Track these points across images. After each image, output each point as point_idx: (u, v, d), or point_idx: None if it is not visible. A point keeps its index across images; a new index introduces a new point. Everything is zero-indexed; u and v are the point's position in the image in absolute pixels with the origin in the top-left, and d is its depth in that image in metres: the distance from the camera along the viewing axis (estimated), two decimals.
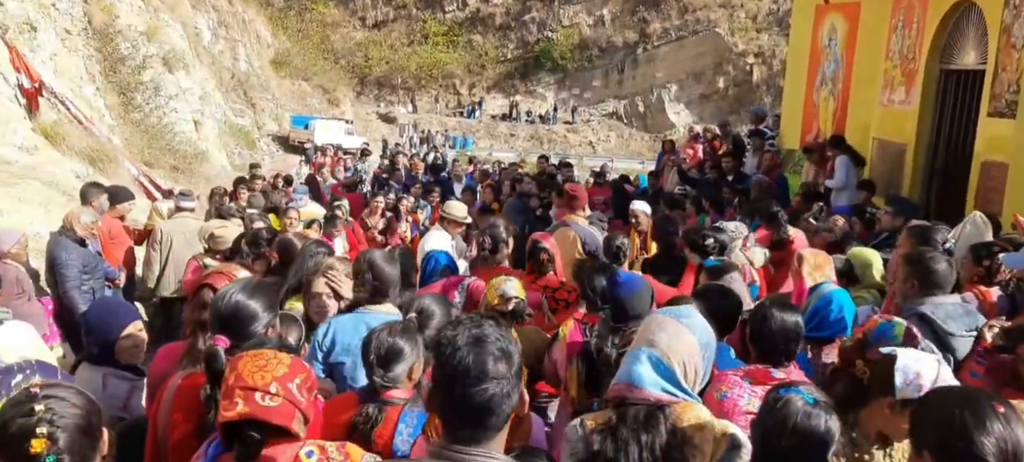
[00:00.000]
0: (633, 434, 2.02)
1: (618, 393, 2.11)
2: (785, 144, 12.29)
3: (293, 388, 1.97)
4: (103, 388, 3.00)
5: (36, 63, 11.47)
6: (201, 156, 19.35)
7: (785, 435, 1.97)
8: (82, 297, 6.08)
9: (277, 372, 1.97)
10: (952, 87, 8.72)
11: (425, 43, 45.38)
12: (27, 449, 1.67)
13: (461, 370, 1.62)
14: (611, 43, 44.37)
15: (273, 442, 1.96)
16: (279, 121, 35.36)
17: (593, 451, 2.07)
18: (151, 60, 18.70)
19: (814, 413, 1.99)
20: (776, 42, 39.80)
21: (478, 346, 1.64)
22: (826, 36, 11.65)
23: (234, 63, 32.53)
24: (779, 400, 2.04)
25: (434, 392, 1.70)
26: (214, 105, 25.31)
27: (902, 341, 2.92)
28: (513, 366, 1.67)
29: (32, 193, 8.36)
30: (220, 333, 2.33)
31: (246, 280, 2.58)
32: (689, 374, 2.10)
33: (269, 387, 1.93)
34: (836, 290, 3.68)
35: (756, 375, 2.83)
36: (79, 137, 11.60)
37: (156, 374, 2.88)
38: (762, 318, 2.91)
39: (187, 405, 2.35)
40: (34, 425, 1.68)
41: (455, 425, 1.66)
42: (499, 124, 43.99)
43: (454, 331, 1.67)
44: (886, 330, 2.96)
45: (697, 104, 43.07)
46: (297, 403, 1.96)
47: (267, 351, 2.05)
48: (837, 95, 11.21)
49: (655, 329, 2.16)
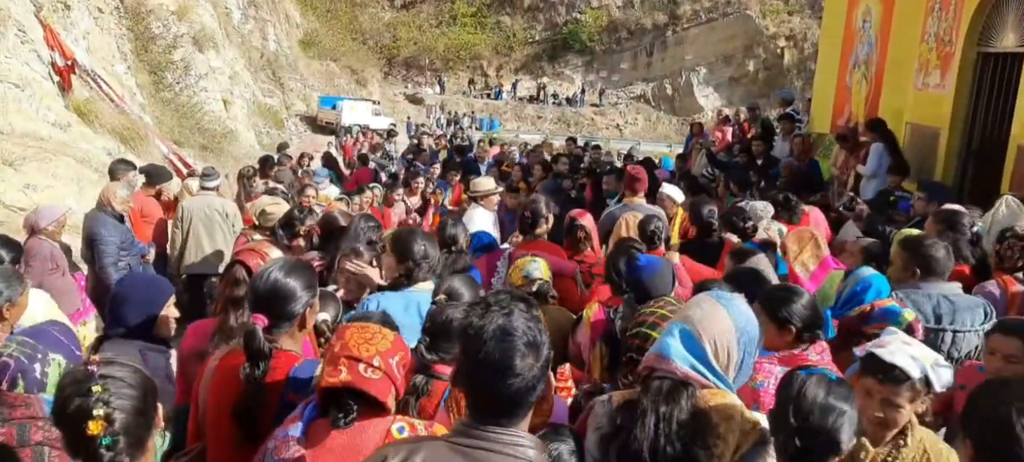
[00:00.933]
0: (653, 404, 1.95)
1: (648, 364, 2.07)
2: (816, 128, 12.09)
3: (393, 364, 2.03)
4: (144, 362, 3.00)
5: (69, 41, 11.64)
6: (230, 135, 19.56)
7: (800, 410, 1.94)
8: (118, 273, 6.19)
9: (381, 346, 2.03)
10: (989, 70, 8.50)
11: (453, 24, 45.29)
12: (84, 429, 1.69)
13: (487, 363, 1.61)
14: (640, 25, 43.93)
15: (367, 413, 2.01)
16: (307, 101, 35.61)
17: (617, 425, 2.04)
18: (182, 39, 18.90)
19: (834, 390, 1.97)
20: (808, 25, 39.15)
21: (505, 339, 1.62)
22: (860, 18, 11.41)
23: (263, 43, 32.75)
24: (798, 376, 2.02)
25: (459, 375, 1.70)
26: (243, 85, 25.54)
27: (904, 330, 2.89)
28: (541, 358, 1.65)
29: (65, 169, 8.51)
30: (257, 312, 2.35)
31: (284, 259, 2.58)
32: (720, 354, 2.01)
33: (372, 360, 1.99)
34: (874, 275, 3.60)
35: (790, 360, 2.78)
36: (111, 115, 11.78)
37: (187, 350, 2.91)
38: (778, 301, 2.89)
39: (225, 384, 2.37)
40: (91, 406, 1.70)
41: (480, 409, 1.67)
42: (526, 106, 43.85)
43: (482, 319, 1.65)
44: (892, 313, 3.02)
45: (726, 87, 42.54)
46: (394, 379, 2.03)
47: (373, 325, 2.12)
48: (870, 78, 10.99)
49: (692, 306, 2.12)
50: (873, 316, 3.07)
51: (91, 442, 1.70)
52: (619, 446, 1.99)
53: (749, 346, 2.07)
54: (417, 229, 4.06)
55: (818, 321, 2.84)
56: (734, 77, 42.53)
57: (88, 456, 1.72)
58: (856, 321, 3.08)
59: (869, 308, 3.09)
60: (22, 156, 8.34)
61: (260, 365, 2.29)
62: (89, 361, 1.81)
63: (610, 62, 44.88)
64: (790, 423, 1.95)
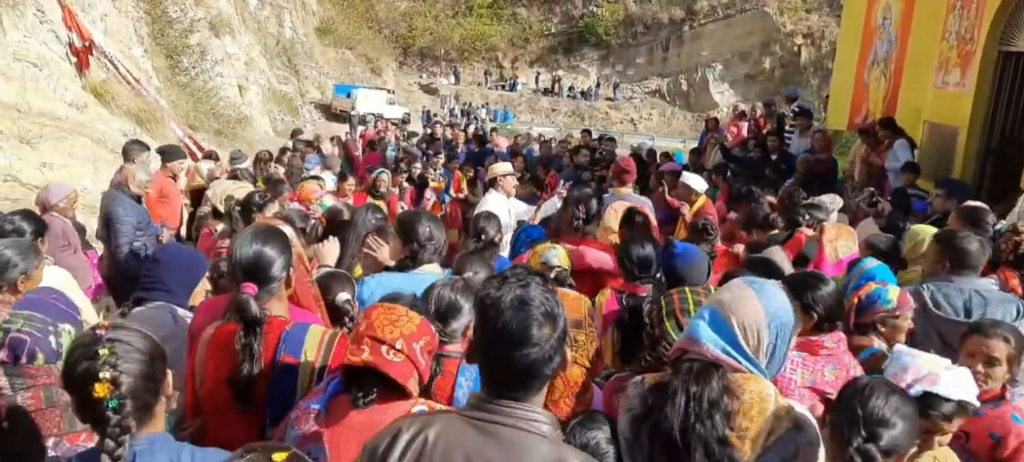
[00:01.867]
0: (683, 385, 1.96)
1: (680, 346, 2.08)
2: (832, 124, 12.01)
3: (417, 348, 2.03)
4: (174, 321, 3.08)
5: (87, 22, 11.71)
6: (244, 121, 19.66)
7: (864, 413, 2.00)
8: (133, 254, 6.23)
9: (406, 329, 2.03)
10: (1010, 69, 8.40)
11: (469, 15, 45.22)
12: (90, 392, 1.70)
13: (504, 333, 1.60)
14: (657, 20, 43.68)
15: (388, 395, 2.01)
16: (322, 89, 35.70)
17: (648, 406, 2.03)
18: (198, 24, 18.99)
19: (893, 399, 2.03)
20: (826, 23, 38.80)
21: (522, 309, 1.61)
22: (880, 15, 11.30)
23: (279, 30, 32.85)
24: (861, 381, 2.10)
25: (475, 348, 1.69)
26: (258, 71, 25.64)
27: (895, 306, 3.04)
28: (557, 329, 1.64)
29: (81, 149, 8.57)
30: (246, 281, 2.36)
31: (256, 227, 2.61)
32: (750, 338, 2.00)
33: (396, 342, 1.99)
34: (878, 266, 3.58)
35: (809, 346, 2.81)
36: (127, 97, 11.85)
37: (197, 326, 2.89)
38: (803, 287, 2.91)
39: (220, 353, 2.38)
40: (98, 369, 1.71)
41: (496, 382, 1.65)
42: (541, 98, 43.74)
43: (499, 291, 1.64)
44: (879, 294, 3.05)
45: (742, 84, 42.25)
46: (417, 363, 2.02)
47: (400, 307, 2.11)
48: (889, 76, 10.89)
49: (723, 290, 2.12)
50: (860, 308, 3.07)
51: (98, 405, 1.70)
52: (651, 426, 2.00)
53: (782, 332, 2.03)
54: (423, 211, 4.06)
55: (840, 311, 2.89)
56: (750, 74, 42.21)
57: (95, 419, 1.73)
58: (850, 313, 3.09)
59: (855, 299, 3.08)
60: (39, 135, 8.41)
61: (256, 332, 2.30)
62: (97, 326, 1.82)
63: (626, 56, 44.66)
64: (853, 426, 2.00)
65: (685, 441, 1.91)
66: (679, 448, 1.92)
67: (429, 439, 1.63)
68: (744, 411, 1.93)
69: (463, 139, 14.24)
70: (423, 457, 1.61)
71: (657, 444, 1.98)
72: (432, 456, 1.61)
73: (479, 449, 1.59)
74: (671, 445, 1.94)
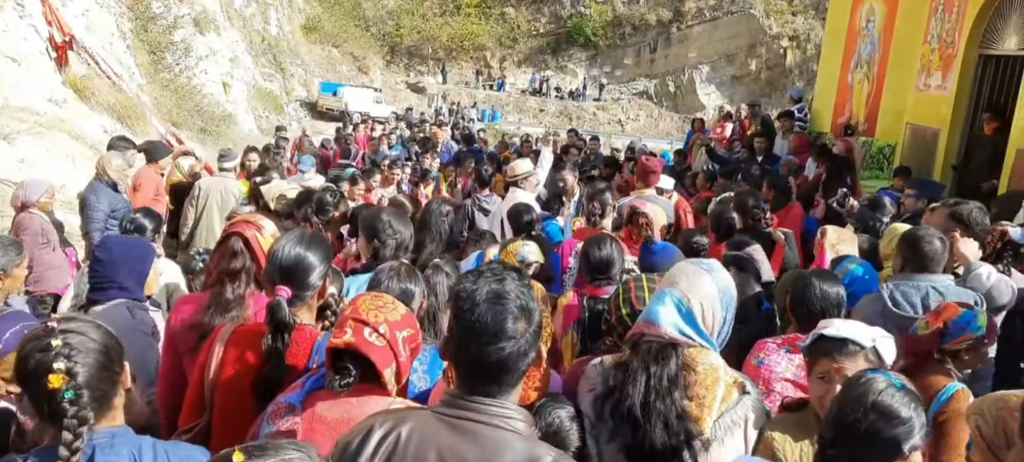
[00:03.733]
0: (643, 365, 2.09)
1: (638, 329, 2.19)
2: (817, 126, 12.07)
3: (399, 337, 2.01)
4: (132, 316, 3.04)
5: (68, 17, 11.59)
6: (229, 119, 19.51)
7: (861, 410, 1.90)
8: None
9: (390, 316, 2.02)
10: (990, 73, 8.48)
11: (457, 14, 45.11)
12: (45, 384, 1.66)
13: (479, 327, 1.59)
14: (644, 21, 43.77)
15: (368, 388, 1.98)
16: (308, 87, 35.50)
17: (610, 385, 2.15)
18: (182, 20, 18.83)
19: (897, 396, 1.90)
20: (811, 26, 39.00)
21: (497, 303, 1.60)
22: (864, 18, 11.38)
23: (264, 27, 32.64)
24: (863, 377, 2.00)
25: (450, 343, 1.68)
26: (244, 68, 25.45)
27: (985, 332, 2.82)
28: (532, 324, 1.64)
29: (60, 145, 8.47)
30: (282, 284, 2.32)
31: (301, 232, 2.56)
32: (707, 317, 2.16)
33: (379, 326, 1.98)
34: (861, 266, 3.60)
35: (794, 343, 2.84)
36: (108, 92, 11.73)
37: (178, 324, 2.83)
38: (804, 288, 2.97)
39: (242, 353, 2.34)
40: (51, 360, 1.67)
41: (470, 378, 1.64)
42: (528, 98, 43.72)
43: (474, 284, 1.64)
44: (970, 320, 2.83)
45: (728, 86, 42.43)
46: (397, 352, 2.00)
47: (387, 296, 2.11)
48: (872, 78, 10.96)
49: (677, 274, 2.24)
50: (949, 332, 2.83)
51: (53, 397, 1.66)
52: (613, 404, 2.13)
53: (730, 306, 2.22)
54: (384, 207, 4.06)
55: (835, 314, 2.88)
56: (736, 76, 42.39)
57: (52, 412, 1.69)
58: (931, 342, 2.85)
59: (941, 324, 2.84)
60: (17, 130, 8.31)
61: (284, 337, 2.27)
62: (49, 319, 1.78)
63: (613, 57, 44.72)
64: (854, 423, 1.92)
65: (645, 415, 2.06)
66: (640, 423, 2.06)
67: (402, 436, 1.61)
68: (700, 381, 2.09)
69: (445, 138, 14.18)
70: (396, 454, 1.59)
71: (620, 420, 2.11)
72: (405, 453, 1.59)
73: (452, 446, 1.57)
74: (633, 421, 2.08)
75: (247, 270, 2.79)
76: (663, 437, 2.04)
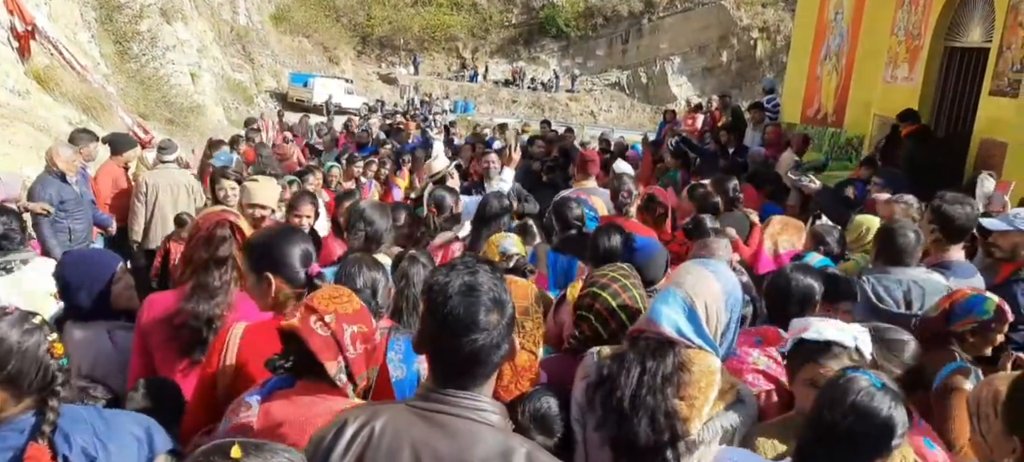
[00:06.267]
0: (639, 358, 2.11)
1: (639, 327, 2.20)
2: (786, 117, 12.20)
3: (346, 330, 1.94)
4: (113, 346, 2.89)
5: (29, 6, 11.30)
6: (197, 110, 19.22)
7: (841, 411, 1.86)
8: (55, 233, 5.99)
9: (342, 309, 1.96)
10: (955, 65, 8.62)
11: (429, 4, 44.85)
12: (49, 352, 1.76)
13: (451, 319, 1.58)
14: (616, 12, 43.91)
15: (319, 387, 1.92)
16: (278, 77, 35.11)
17: (603, 375, 2.15)
18: (149, 9, 18.50)
19: (878, 395, 1.86)
20: (781, 17, 39.40)
21: (470, 294, 1.60)
22: (833, 10, 11.52)
23: (233, 16, 32.20)
24: (843, 377, 1.96)
25: (423, 336, 1.67)
26: (212, 58, 25.10)
27: (992, 316, 2.84)
28: (505, 316, 1.63)
29: (23, 136, 8.28)
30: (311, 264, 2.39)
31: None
32: (711, 318, 2.16)
33: (325, 316, 1.93)
34: (821, 260, 3.64)
35: (768, 335, 2.85)
36: (72, 83, 11.48)
37: (148, 322, 2.75)
38: (777, 282, 2.99)
39: (265, 343, 2.23)
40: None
41: (443, 371, 1.64)
42: (501, 89, 43.66)
43: (447, 277, 1.63)
44: (976, 303, 2.84)
45: (700, 77, 42.75)
46: (343, 346, 1.93)
47: (346, 290, 2.08)
48: (840, 70, 11.11)
49: (682, 274, 2.25)
50: (956, 313, 2.87)
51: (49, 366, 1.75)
52: (604, 393, 2.13)
53: (735, 307, 2.22)
54: (364, 201, 4.05)
55: (810, 309, 2.91)
56: (708, 67, 42.72)
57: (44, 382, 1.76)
58: (939, 323, 2.89)
59: (947, 305, 2.88)
60: None
61: None
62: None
63: (586, 48, 44.83)
64: (834, 424, 1.88)
65: (633, 409, 2.06)
66: (627, 416, 2.06)
67: (375, 430, 1.60)
68: (694, 382, 2.08)
69: (414, 130, 14.11)
70: (369, 448, 1.59)
71: (608, 410, 2.11)
72: (378, 447, 1.58)
73: (426, 439, 1.57)
74: (620, 412, 2.08)
75: (234, 257, 2.75)
76: (648, 433, 2.04)
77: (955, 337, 2.87)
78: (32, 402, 1.73)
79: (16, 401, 1.71)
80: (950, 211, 3.72)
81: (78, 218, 6.24)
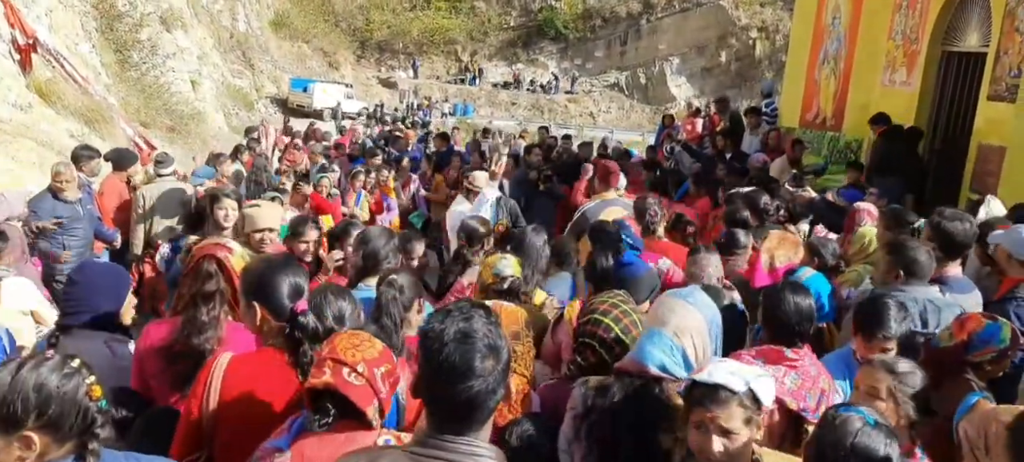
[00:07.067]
0: (622, 391, 2.17)
1: (625, 367, 2.23)
2: (784, 122, 12.22)
3: (377, 374, 2.01)
4: (112, 355, 2.96)
5: (30, 19, 11.34)
6: (198, 117, 19.27)
7: (842, 453, 1.92)
8: (51, 248, 6.11)
9: (367, 354, 2.02)
10: (953, 69, 8.64)
11: (427, 8, 44.92)
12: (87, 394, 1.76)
13: (446, 366, 1.61)
14: (614, 13, 43.97)
15: (350, 425, 1.99)
16: (278, 83, 35.15)
17: (589, 406, 2.21)
18: (149, 18, 18.54)
19: (874, 435, 1.93)
20: (780, 17, 39.46)
21: (465, 342, 1.63)
22: (830, 14, 11.53)
23: (233, 23, 32.24)
24: (837, 417, 2.00)
25: (419, 383, 1.70)
26: (212, 65, 25.15)
27: (1010, 343, 2.85)
28: (500, 362, 1.66)
29: (26, 152, 8.31)
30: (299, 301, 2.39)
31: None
32: (699, 351, 2.21)
33: (357, 366, 1.98)
34: (812, 276, 3.67)
35: (769, 355, 2.89)
36: (74, 95, 11.51)
37: (147, 348, 2.82)
38: (776, 300, 2.97)
39: (248, 376, 2.34)
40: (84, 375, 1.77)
41: (440, 417, 1.66)
42: (500, 92, 43.71)
43: (442, 324, 1.66)
44: (994, 333, 2.85)
45: (699, 77, 42.80)
46: (377, 390, 2.00)
47: (364, 333, 2.11)
48: (839, 74, 11.12)
49: (665, 312, 2.26)
50: (974, 344, 2.87)
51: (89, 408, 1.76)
52: (589, 425, 2.18)
53: (717, 332, 2.29)
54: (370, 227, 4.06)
55: (808, 327, 2.93)
56: (706, 67, 42.79)
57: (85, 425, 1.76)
58: (955, 353, 2.89)
59: (965, 336, 2.87)
60: None
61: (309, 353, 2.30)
62: None
63: (584, 50, 44.87)
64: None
65: (616, 442, 2.12)
66: (612, 449, 2.13)
67: None
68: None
69: (414, 139, 14.09)
70: None
71: (594, 443, 2.17)
72: None
73: None
74: (604, 446, 2.14)
75: (221, 292, 2.81)
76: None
77: (971, 366, 2.88)
78: (73, 446, 1.75)
79: (58, 445, 1.72)
80: (950, 227, 3.75)
81: (74, 234, 6.31)
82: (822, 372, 2.92)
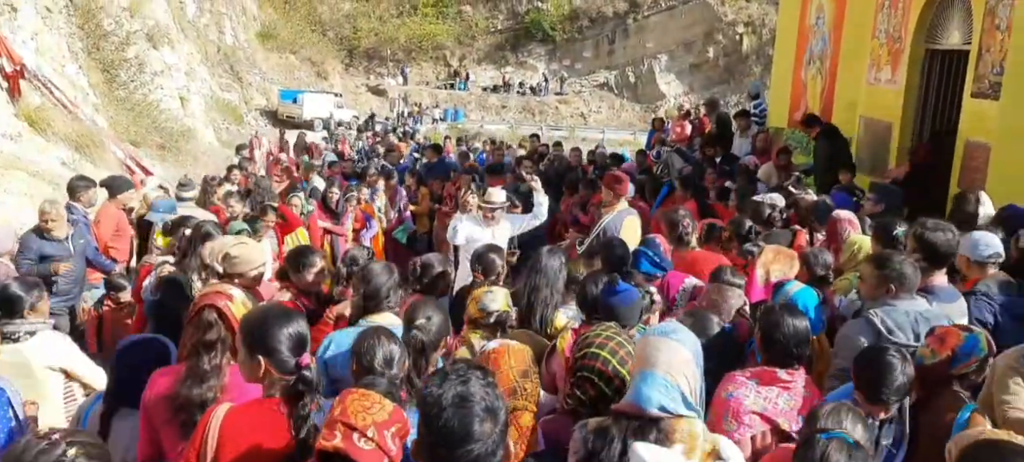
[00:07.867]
0: (620, 433, 2.16)
1: (621, 409, 2.25)
2: (773, 122, 12.29)
3: (387, 435, 2.02)
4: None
5: (16, 44, 11.29)
6: (188, 133, 19.22)
7: None
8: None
9: (378, 417, 2.02)
10: (937, 67, 8.73)
11: (414, 14, 44.87)
12: None
13: (446, 432, 1.67)
14: (601, 13, 44.00)
15: None
16: (267, 95, 35.09)
17: (589, 449, 2.21)
18: (135, 36, 18.47)
19: (856, 456, 2.02)
20: (765, 11, 39.55)
21: (463, 406, 1.67)
22: (814, 14, 11.61)
23: (219, 37, 32.16)
24: (817, 441, 2.08)
25: (420, 446, 1.76)
26: (200, 80, 25.08)
27: (988, 350, 2.96)
28: (498, 424, 1.71)
29: (17, 184, 8.29)
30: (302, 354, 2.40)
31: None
32: (692, 386, 2.23)
33: (367, 430, 1.99)
34: (801, 290, 3.71)
35: (763, 376, 2.96)
36: (64, 122, 11.47)
37: (152, 397, 2.82)
38: (773, 322, 3.02)
39: (246, 427, 2.35)
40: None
41: None
42: (490, 96, 43.71)
43: (440, 389, 1.71)
44: (973, 344, 2.95)
45: (688, 74, 42.88)
46: (387, 451, 2.01)
47: (374, 394, 2.11)
48: (825, 73, 11.20)
49: (651, 351, 2.27)
50: (958, 358, 2.95)
51: None
52: None
53: (701, 364, 2.30)
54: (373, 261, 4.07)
55: (805, 350, 3.00)
56: (695, 64, 42.86)
57: None
58: (940, 369, 2.96)
59: (948, 352, 2.94)
60: None
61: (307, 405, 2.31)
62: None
63: (573, 50, 44.90)
64: None
65: None
66: None
67: None
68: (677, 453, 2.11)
69: (407, 151, 14.09)
70: None
71: None
72: None
73: None
74: None
75: (222, 340, 2.83)
76: None
77: (957, 378, 2.96)
78: None
79: None
80: (933, 238, 3.81)
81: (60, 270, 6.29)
82: (816, 395, 2.98)
